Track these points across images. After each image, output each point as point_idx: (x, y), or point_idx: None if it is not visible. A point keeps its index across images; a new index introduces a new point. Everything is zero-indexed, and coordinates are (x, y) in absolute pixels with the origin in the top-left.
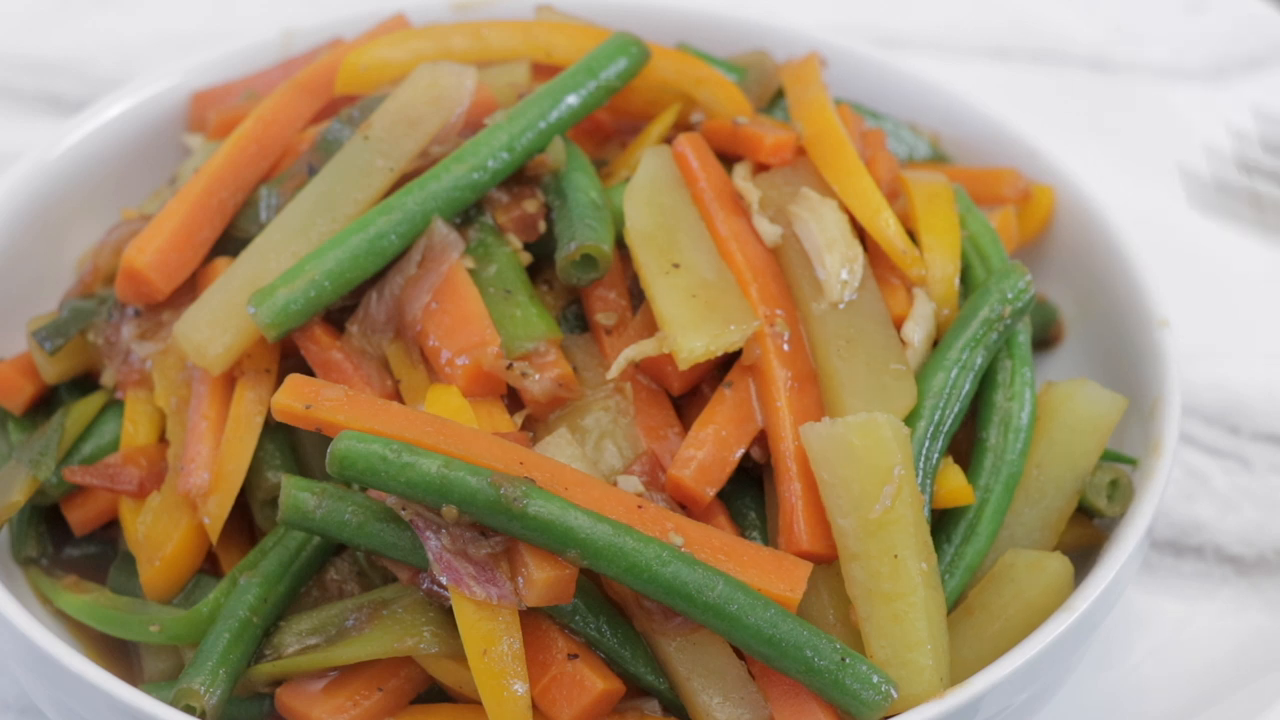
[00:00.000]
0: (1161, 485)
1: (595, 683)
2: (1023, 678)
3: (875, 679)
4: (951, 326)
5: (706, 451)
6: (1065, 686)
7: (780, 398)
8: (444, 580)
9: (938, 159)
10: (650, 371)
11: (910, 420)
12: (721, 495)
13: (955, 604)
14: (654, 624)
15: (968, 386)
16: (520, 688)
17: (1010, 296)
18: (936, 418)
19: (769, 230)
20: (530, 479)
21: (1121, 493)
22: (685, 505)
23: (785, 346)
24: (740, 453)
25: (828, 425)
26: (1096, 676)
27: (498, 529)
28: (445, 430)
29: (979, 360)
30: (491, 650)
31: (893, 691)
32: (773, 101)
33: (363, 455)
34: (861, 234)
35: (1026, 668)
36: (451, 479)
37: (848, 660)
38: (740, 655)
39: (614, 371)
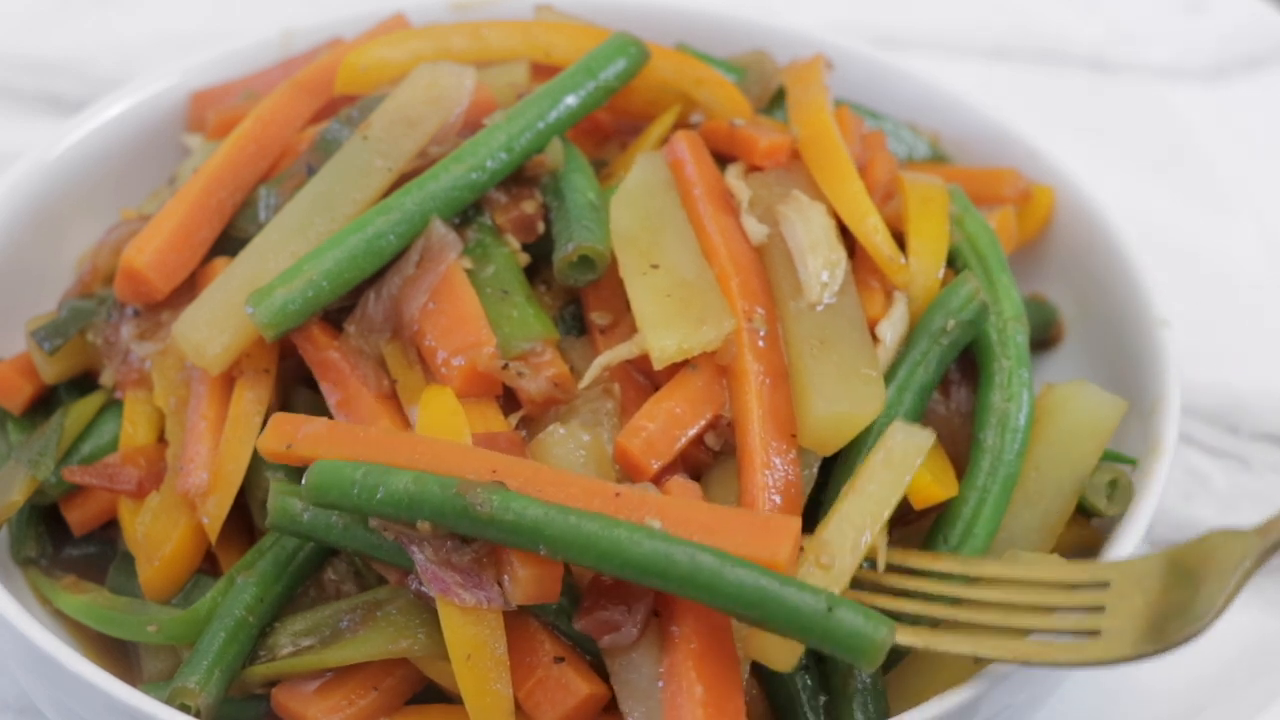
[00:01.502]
0: (1161, 485)
1: (580, 686)
2: (1022, 677)
3: (862, 620)
4: (905, 347)
5: (658, 425)
6: (1065, 686)
7: (751, 391)
8: (432, 592)
9: (938, 159)
10: (645, 369)
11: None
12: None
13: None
14: (596, 641)
15: (909, 403)
16: (503, 691)
17: (956, 307)
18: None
19: (756, 229)
20: (502, 483)
21: (1121, 493)
22: (632, 478)
23: (761, 343)
24: (693, 432)
25: None
26: (1096, 676)
27: (470, 535)
28: (419, 447)
29: (923, 378)
30: (475, 655)
31: (890, 633)
32: (774, 102)
33: (335, 483)
34: (849, 237)
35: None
36: (421, 494)
37: (834, 608)
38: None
39: (587, 380)
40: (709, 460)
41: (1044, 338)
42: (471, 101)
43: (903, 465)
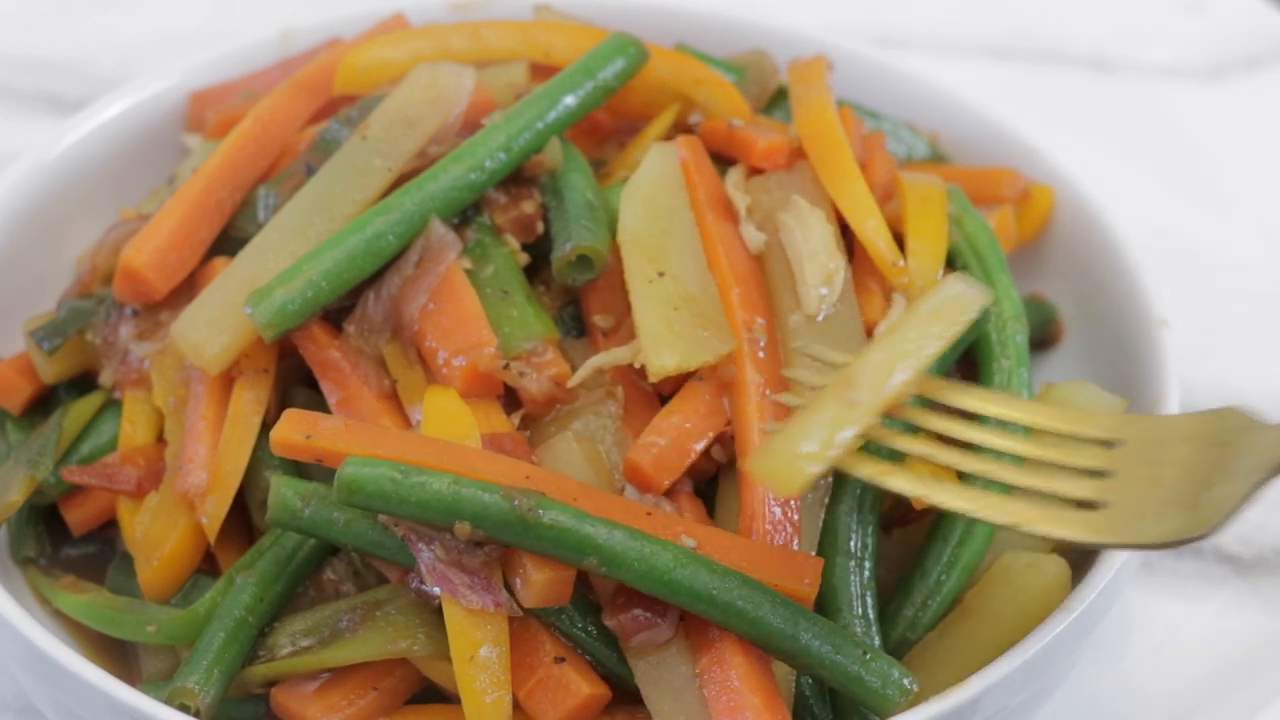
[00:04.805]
0: None
1: (581, 687)
2: (1021, 678)
3: (896, 674)
4: None
5: (668, 440)
6: (1063, 687)
7: (751, 403)
8: (437, 592)
9: (937, 159)
10: (643, 372)
11: None
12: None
13: (952, 605)
14: (624, 640)
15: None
16: (503, 694)
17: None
18: None
19: (754, 237)
20: (542, 491)
21: None
22: (645, 492)
23: (761, 353)
24: (701, 445)
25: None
26: (1095, 677)
27: (512, 543)
28: (447, 451)
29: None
30: (478, 656)
31: (914, 686)
32: (773, 101)
33: (371, 479)
34: (850, 236)
35: (1025, 668)
36: (463, 496)
37: (869, 656)
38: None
39: (576, 380)
40: (714, 469)
41: (1043, 337)
42: (471, 101)
43: (952, 317)
